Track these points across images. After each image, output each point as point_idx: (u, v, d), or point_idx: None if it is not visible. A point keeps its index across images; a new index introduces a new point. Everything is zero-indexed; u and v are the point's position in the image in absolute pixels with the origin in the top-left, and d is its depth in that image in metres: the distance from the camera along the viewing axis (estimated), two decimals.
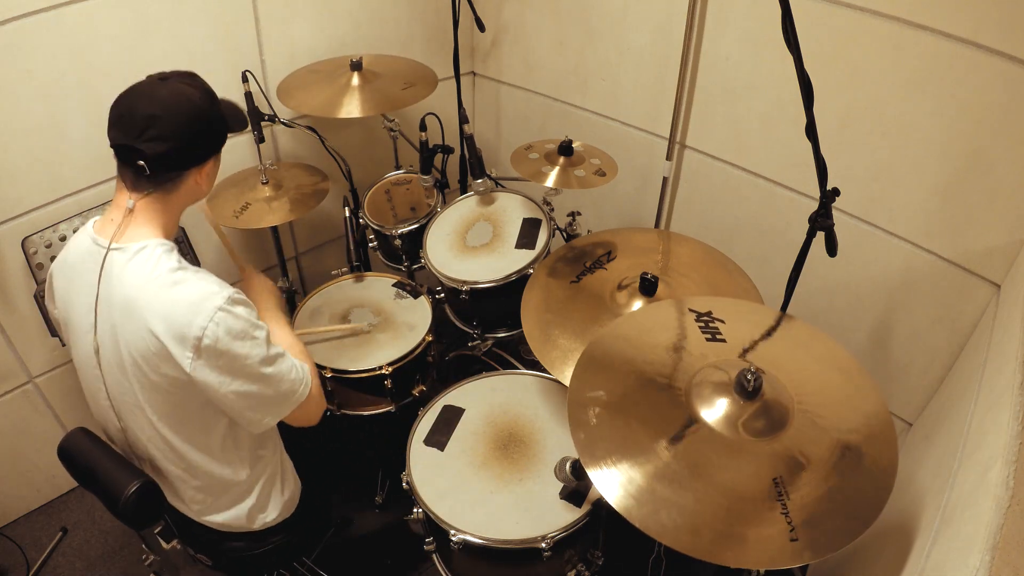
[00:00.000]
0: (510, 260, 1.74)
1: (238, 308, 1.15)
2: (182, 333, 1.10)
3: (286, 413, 1.28)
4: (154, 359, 1.14)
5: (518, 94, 2.47)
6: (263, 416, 1.25)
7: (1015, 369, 1.01)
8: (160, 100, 1.13)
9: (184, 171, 1.19)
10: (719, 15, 1.76)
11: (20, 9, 1.53)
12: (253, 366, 1.17)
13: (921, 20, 1.40)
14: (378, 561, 1.93)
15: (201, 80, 1.22)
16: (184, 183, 1.20)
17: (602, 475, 1.00)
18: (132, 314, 1.12)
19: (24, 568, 1.93)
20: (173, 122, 1.13)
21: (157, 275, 1.14)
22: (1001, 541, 0.76)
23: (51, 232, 1.73)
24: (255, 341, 1.17)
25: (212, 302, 1.12)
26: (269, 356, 1.20)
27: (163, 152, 1.13)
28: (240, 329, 1.15)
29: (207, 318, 1.11)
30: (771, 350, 1.21)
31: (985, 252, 1.48)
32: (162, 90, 1.14)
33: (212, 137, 1.22)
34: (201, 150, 1.20)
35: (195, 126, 1.16)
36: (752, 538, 0.93)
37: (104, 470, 1.21)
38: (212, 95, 1.21)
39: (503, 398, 1.57)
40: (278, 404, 1.26)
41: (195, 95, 1.17)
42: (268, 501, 1.41)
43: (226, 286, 1.17)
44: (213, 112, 1.20)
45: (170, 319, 1.11)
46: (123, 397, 1.23)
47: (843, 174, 1.56)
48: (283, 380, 1.24)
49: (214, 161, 1.25)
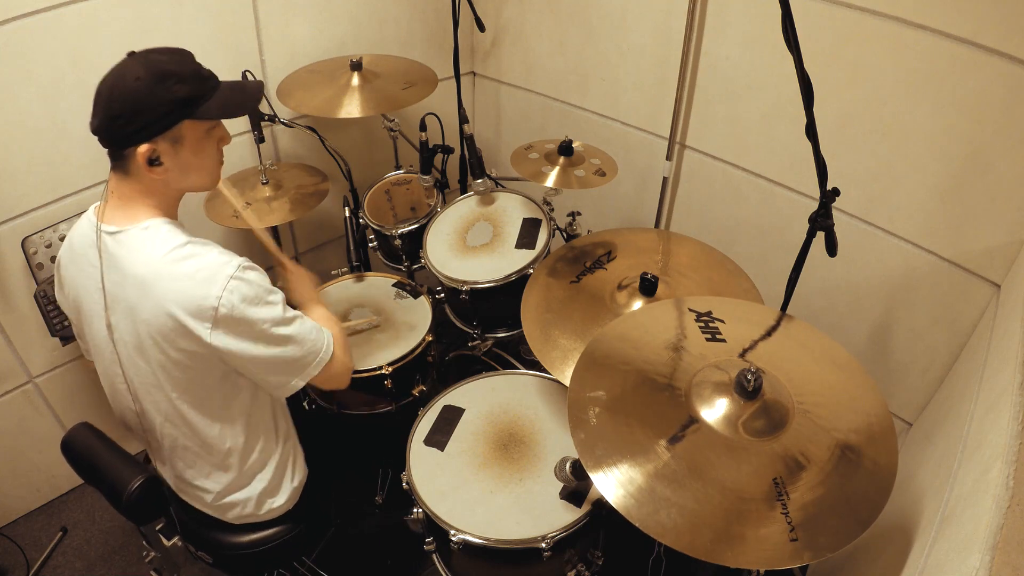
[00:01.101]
0: (510, 260, 1.74)
1: (250, 274, 1.17)
2: (198, 305, 1.12)
3: (313, 374, 1.30)
4: (172, 335, 1.15)
5: (518, 94, 2.47)
6: (289, 378, 1.27)
7: (1015, 369, 1.01)
8: (105, 77, 1.12)
9: (122, 148, 1.14)
10: (719, 15, 1.76)
11: (20, 9, 1.53)
12: (271, 329, 1.19)
13: (921, 20, 1.40)
14: (378, 561, 1.93)
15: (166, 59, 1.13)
16: (131, 164, 1.15)
17: (602, 475, 1.00)
18: (146, 292, 1.14)
19: (24, 568, 1.93)
20: (101, 100, 1.11)
21: (167, 251, 1.15)
22: (1001, 541, 0.76)
23: (51, 232, 1.73)
24: (270, 305, 1.19)
25: (224, 271, 1.14)
26: (286, 318, 1.22)
27: (95, 128, 1.13)
28: (254, 295, 1.17)
29: (221, 287, 1.12)
30: (771, 350, 1.21)
31: (985, 252, 1.48)
32: (115, 67, 1.12)
33: (140, 119, 1.10)
34: (127, 131, 1.11)
35: (115, 106, 1.10)
36: (752, 538, 0.93)
37: (107, 465, 1.21)
38: (163, 75, 1.11)
39: (503, 398, 1.57)
40: (301, 365, 1.27)
41: (133, 73, 1.09)
42: (279, 485, 1.42)
43: (235, 256, 1.18)
44: (148, 94, 1.10)
45: (184, 293, 1.12)
46: (140, 377, 1.24)
47: (843, 174, 1.56)
48: (304, 341, 1.26)
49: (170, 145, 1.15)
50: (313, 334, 1.28)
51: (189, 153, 1.18)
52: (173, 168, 1.17)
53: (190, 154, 1.19)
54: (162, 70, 1.11)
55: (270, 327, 1.19)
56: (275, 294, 1.22)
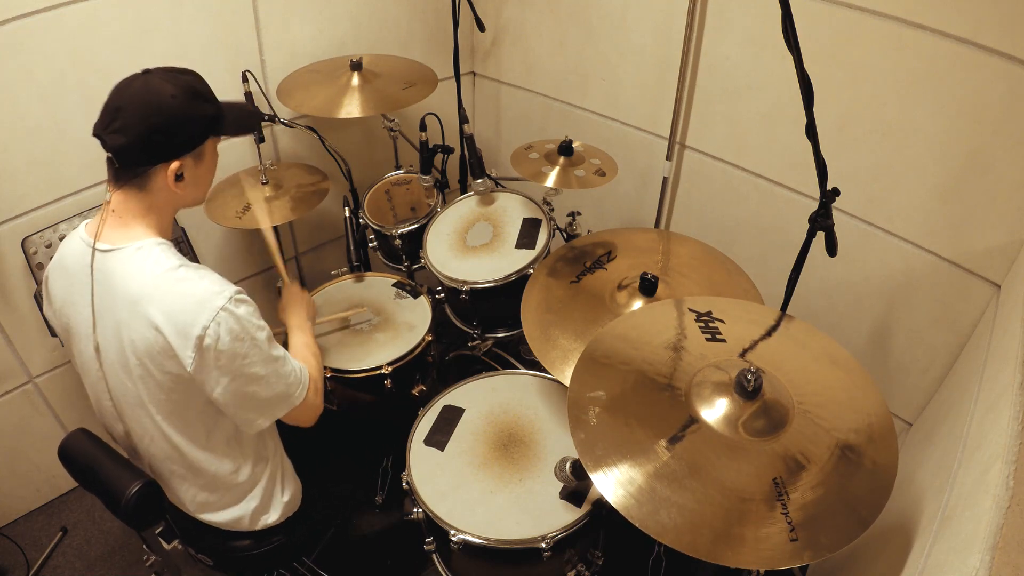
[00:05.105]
0: (510, 260, 1.74)
1: (240, 308, 1.15)
2: (185, 331, 1.11)
3: (280, 415, 1.29)
4: (158, 357, 1.14)
5: (518, 94, 2.46)
6: (256, 416, 1.25)
7: (1015, 369, 1.01)
8: (131, 92, 1.11)
9: (148, 167, 1.14)
10: (719, 15, 1.76)
11: (20, 9, 1.53)
12: (251, 367, 1.18)
13: (921, 20, 1.40)
14: (378, 561, 1.93)
15: (191, 79, 1.18)
16: (154, 180, 1.16)
17: (602, 475, 1.00)
18: (136, 311, 1.12)
19: (24, 568, 1.93)
20: (135, 115, 1.10)
21: (160, 272, 1.14)
22: (1001, 541, 0.76)
23: (51, 232, 1.73)
24: (255, 342, 1.17)
25: (215, 302, 1.12)
26: (269, 357, 1.21)
27: (123, 145, 1.11)
28: (241, 329, 1.15)
29: (209, 317, 1.11)
30: (771, 350, 1.21)
31: (985, 252, 1.48)
32: (137, 82, 1.12)
33: (179, 136, 1.15)
34: (164, 147, 1.14)
35: (155, 121, 1.11)
36: (752, 538, 0.93)
37: (105, 471, 1.21)
38: (195, 93, 1.16)
39: (503, 398, 1.57)
40: (272, 406, 1.26)
41: (168, 91, 1.11)
42: (270, 502, 1.41)
43: (228, 284, 1.17)
44: (185, 111, 1.14)
45: (174, 316, 1.11)
46: (126, 397, 1.23)
47: (843, 174, 1.56)
48: (279, 383, 1.24)
49: (193, 161, 1.19)
50: (291, 377, 1.26)
51: (205, 169, 1.24)
52: (190, 182, 1.21)
53: (205, 170, 1.24)
54: (192, 88, 1.16)
55: (251, 364, 1.17)
56: (262, 331, 1.19)
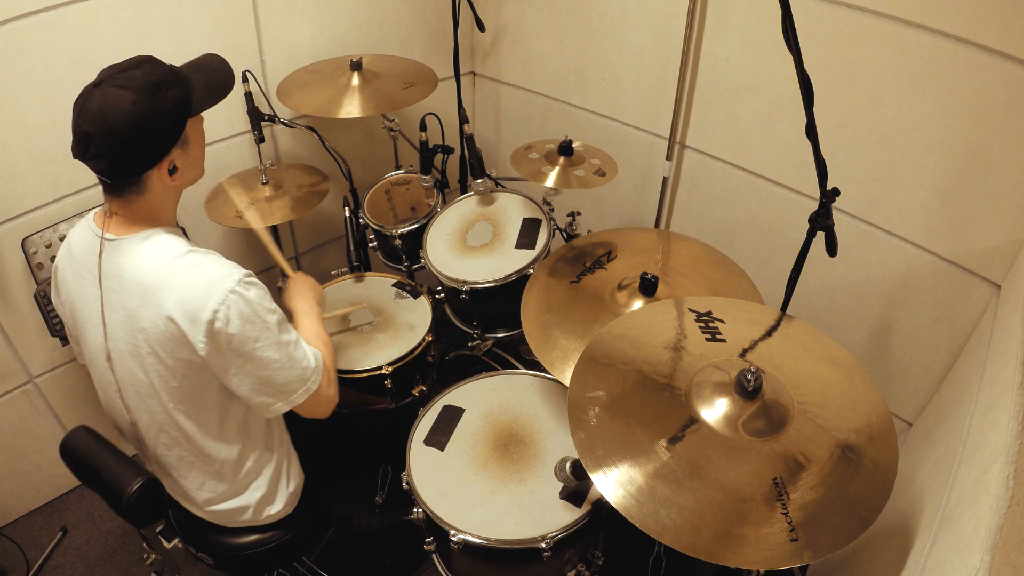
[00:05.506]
0: (510, 260, 1.74)
1: (250, 291, 1.16)
2: (196, 316, 1.11)
3: (297, 401, 1.28)
4: (170, 344, 1.14)
5: (518, 94, 2.47)
6: (273, 401, 1.25)
7: (1015, 369, 1.01)
8: (90, 114, 1.06)
9: (139, 175, 1.13)
10: (719, 15, 1.76)
11: (20, 9, 1.53)
12: (263, 350, 1.18)
13: (921, 20, 1.40)
14: (378, 561, 1.93)
15: (145, 71, 1.11)
16: (149, 182, 1.15)
17: (602, 475, 1.00)
18: (146, 298, 1.13)
19: (24, 568, 1.93)
20: (105, 138, 1.06)
21: (169, 259, 1.15)
22: (1001, 541, 0.76)
23: (51, 232, 1.73)
24: (266, 325, 1.18)
25: (224, 285, 1.13)
26: (281, 341, 1.21)
27: (107, 167, 1.10)
28: (252, 312, 1.15)
29: (219, 301, 1.11)
30: (771, 350, 1.21)
31: (985, 252, 1.48)
32: (93, 100, 1.06)
33: (156, 137, 1.12)
34: (147, 153, 1.12)
35: (127, 136, 1.07)
36: (752, 538, 0.93)
37: (106, 468, 1.21)
38: (154, 88, 1.09)
39: (503, 398, 1.57)
40: (287, 390, 1.26)
41: (126, 98, 1.06)
42: (276, 492, 1.41)
43: (238, 268, 1.17)
44: (152, 110, 1.09)
45: (184, 301, 1.12)
46: (135, 386, 1.23)
47: (843, 174, 1.56)
48: (293, 366, 1.24)
49: (181, 149, 1.16)
50: (304, 362, 1.26)
51: (194, 148, 1.22)
52: (185, 167, 1.20)
53: (195, 148, 1.22)
54: (149, 83, 1.10)
55: (262, 347, 1.17)
56: (273, 313, 1.19)
